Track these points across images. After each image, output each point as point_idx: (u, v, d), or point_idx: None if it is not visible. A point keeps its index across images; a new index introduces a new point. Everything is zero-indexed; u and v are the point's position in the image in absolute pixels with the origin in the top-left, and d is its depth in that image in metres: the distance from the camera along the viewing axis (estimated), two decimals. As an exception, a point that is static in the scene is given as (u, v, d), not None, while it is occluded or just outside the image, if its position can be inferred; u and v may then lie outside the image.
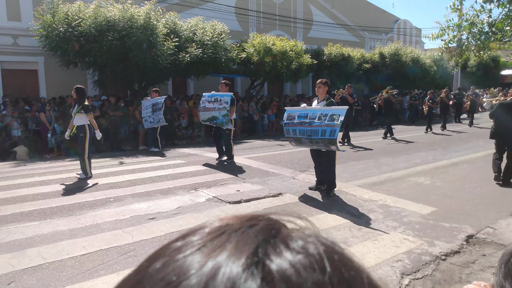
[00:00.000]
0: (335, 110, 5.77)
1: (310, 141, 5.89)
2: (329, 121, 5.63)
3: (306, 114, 5.94)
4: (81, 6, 12.11)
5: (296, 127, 6.05)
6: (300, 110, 6.17)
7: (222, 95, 8.77)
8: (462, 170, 8.07)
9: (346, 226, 4.66)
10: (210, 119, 8.91)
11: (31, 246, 4.11)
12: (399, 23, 29.04)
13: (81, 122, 7.35)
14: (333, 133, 5.62)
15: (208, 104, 8.95)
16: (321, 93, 6.19)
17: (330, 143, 5.69)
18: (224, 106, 8.56)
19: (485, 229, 4.60)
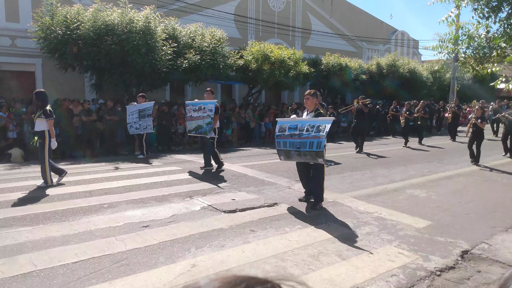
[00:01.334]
0: (322, 121, 5.67)
1: (298, 153, 5.79)
2: (316, 132, 5.56)
3: (295, 126, 5.86)
4: (80, 9, 12.11)
5: (287, 140, 5.94)
6: (290, 122, 6.04)
7: (206, 103, 8.61)
8: (457, 183, 8.09)
9: (342, 239, 4.64)
10: (196, 129, 8.77)
11: (23, 252, 4.05)
12: (397, 34, 29.30)
13: (41, 127, 7.05)
14: (319, 145, 5.53)
15: (194, 113, 8.83)
16: (310, 105, 6.05)
17: (317, 155, 5.60)
18: (208, 114, 8.44)
19: (480, 244, 4.60)
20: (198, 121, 8.65)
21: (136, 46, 11.77)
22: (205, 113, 8.51)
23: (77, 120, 11.84)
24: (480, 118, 9.96)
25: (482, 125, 9.89)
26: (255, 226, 5.04)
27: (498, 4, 4.61)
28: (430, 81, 22.63)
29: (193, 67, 13.46)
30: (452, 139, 16.35)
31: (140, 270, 3.71)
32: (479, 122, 9.90)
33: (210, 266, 3.82)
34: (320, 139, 5.52)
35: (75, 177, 7.86)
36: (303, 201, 6.23)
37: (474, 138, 10.17)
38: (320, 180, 5.94)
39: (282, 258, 4.05)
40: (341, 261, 4.02)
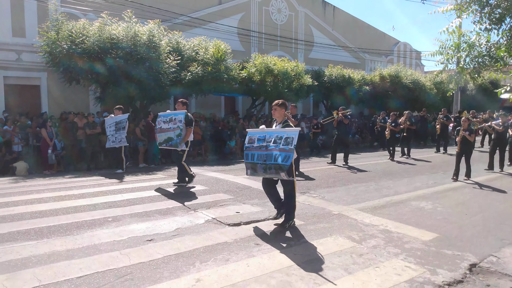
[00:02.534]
0: (289, 132, 5.29)
1: (264, 167, 5.34)
2: (284, 144, 5.19)
3: (264, 137, 5.47)
4: (85, 24, 12.28)
5: (255, 152, 5.50)
6: (259, 132, 5.63)
7: (176, 114, 8.19)
8: (463, 194, 8.02)
9: (347, 252, 4.59)
10: (166, 141, 8.26)
11: (27, 267, 4.04)
12: (399, 45, 29.43)
13: None
14: (287, 159, 5.12)
15: (164, 124, 8.35)
16: (278, 116, 5.70)
17: (280, 169, 5.15)
18: (178, 125, 8.01)
19: (488, 257, 4.53)
20: (169, 133, 8.17)
21: (140, 59, 11.89)
22: (175, 124, 8.06)
23: (82, 133, 11.89)
24: (468, 130, 9.35)
25: (470, 138, 9.30)
26: (260, 239, 5.00)
27: (500, 16, 4.63)
28: (434, 92, 22.63)
29: (196, 79, 13.56)
30: (437, 151, 15.84)
31: (145, 285, 3.68)
32: (467, 134, 9.30)
33: (215, 280, 3.79)
34: (288, 153, 5.13)
35: (80, 190, 7.87)
36: (278, 218, 5.74)
37: (462, 152, 9.48)
38: (292, 197, 5.51)
39: (287, 272, 4.01)
40: (347, 275, 3.97)
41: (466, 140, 9.34)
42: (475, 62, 5.66)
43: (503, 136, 11.12)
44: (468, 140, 9.33)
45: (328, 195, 7.75)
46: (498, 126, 11.04)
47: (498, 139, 11.19)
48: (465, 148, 9.43)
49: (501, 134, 11.07)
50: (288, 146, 5.16)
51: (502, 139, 11.15)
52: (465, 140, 9.37)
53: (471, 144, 9.44)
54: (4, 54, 14.16)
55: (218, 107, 19.65)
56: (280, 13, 22.52)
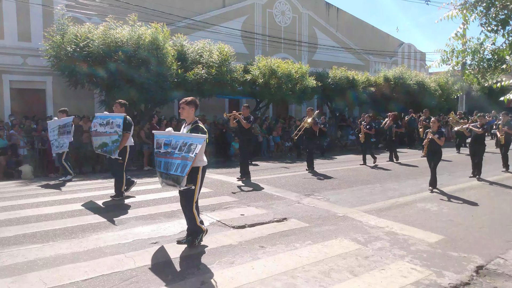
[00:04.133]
0: (195, 138, 4.54)
1: (166, 177, 4.65)
2: (186, 152, 4.48)
3: (170, 141, 4.69)
4: (90, 27, 12.36)
5: (162, 159, 4.71)
6: (166, 136, 4.81)
7: (114, 117, 7.26)
8: (469, 196, 7.96)
9: (353, 254, 4.57)
10: (101, 146, 7.31)
11: (33, 270, 4.05)
12: (403, 47, 29.34)
13: None
14: (184, 169, 4.46)
15: (100, 127, 7.40)
16: (186, 115, 4.88)
17: (177, 181, 4.51)
18: (115, 130, 7.08)
19: (495, 259, 4.49)
20: (104, 138, 7.24)
21: (142, 62, 11.93)
22: (113, 128, 7.14)
23: (87, 137, 11.94)
24: (438, 133, 8.33)
25: (440, 141, 8.25)
26: (265, 242, 4.99)
27: (506, 17, 4.61)
28: (438, 93, 22.52)
29: (200, 81, 13.59)
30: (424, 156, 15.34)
31: (150, 287, 3.68)
32: (436, 137, 8.28)
33: (220, 283, 3.78)
34: (187, 162, 4.44)
35: (85, 194, 7.90)
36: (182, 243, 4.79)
37: (431, 157, 8.55)
38: (189, 211, 4.75)
39: (293, 275, 3.99)
40: (352, 277, 3.95)
41: (436, 144, 8.32)
42: (480, 66, 5.63)
43: (481, 140, 9.86)
44: (437, 144, 8.30)
45: (333, 197, 7.73)
46: (476, 128, 9.86)
47: (476, 143, 9.93)
48: (433, 152, 8.46)
49: (479, 138, 9.85)
50: (189, 153, 4.44)
51: (480, 143, 9.87)
52: (433, 144, 8.36)
53: (440, 149, 8.42)
54: (9, 58, 14.29)
55: (222, 109, 19.67)
56: (284, 16, 22.54)
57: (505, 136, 10.87)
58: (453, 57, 5.62)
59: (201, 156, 4.67)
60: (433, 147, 8.39)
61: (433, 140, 8.29)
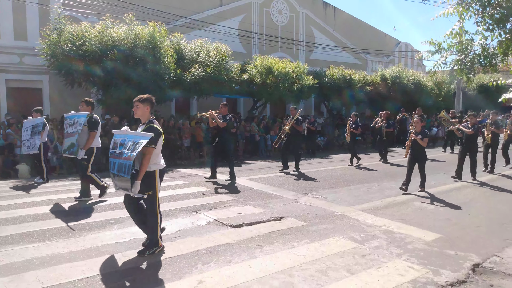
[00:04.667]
0: (140, 136, 4.26)
1: (118, 179, 4.38)
2: (132, 151, 4.19)
3: (124, 141, 4.37)
4: (87, 26, 12.31)
5: (116, 160, 4.38)
6: (122, 136, 4.47)
7: (79, 116, 7.07)
8: (466, 195, 8.00)
9: (350, 253, 4.58)
10: (69, 148, 6.99)
11: (29, 269, 4.04)
12: (400, 46, 29.40)
13: None
14: (127, 169, 4.17)
15: (69, 128, 7.12)
16: (141, 114, 4.51)
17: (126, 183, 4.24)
18: (77, 129, 6.89)
19: (491, 257, 4.52)
20: (71, 138, 6.97)
21: (139, 61, 11.90)
22: (76, 128, 6.93)
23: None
24: (421, 134, 7.94)
25: (423, 143, 7.89)
26: (262, 240, 5.00)
27: (502, 16, 4.62)
28: (435, 92, 22.59)
29: (197, 80, 13.57)
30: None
31: (147, 286, 3.68)
32: (419, 138, 7.92)
33: (217, 282, 3.78)
34: (129, 161, 4.17)
35: (82, 193, 7.86)
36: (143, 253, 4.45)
37: (414, 158, 8.18)
38: (151, 218, 4.47)
39: (290, 273, 4.00)
40: (350, 276, 3.96)
41: (418, 146, 7.99)
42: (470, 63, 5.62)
43: (473, 140, 9.52)
44: (420, 146, 7.98)
45: (330, 196, 7.74)
46: (467, 129, 9.39)
47: (468, 142, 9.52)
48: (417, 154, 8.14)
49: (471, 138, 9.46)
50: (132, 152, 4.16)
51: (472, 142, 9.51)
52: (416, 145, 8.04)
53: (423, 151, 8.12)
54: (6, 57, 14.22)
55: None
56: (281, 15, 22.54)
57: (492, 136, 10.47)
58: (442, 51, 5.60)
59: (157, 159, 4.42)
60: (416, 148, 8.07)
61: (416, 141, 7.97)
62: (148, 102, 4.49)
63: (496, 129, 10.45)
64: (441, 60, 5.70)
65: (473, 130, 9.35)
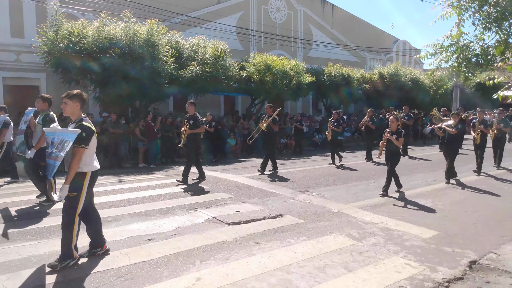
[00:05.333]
0: (69, 134, 3.94)
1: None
2: (60, 150, 3.90)
3: (53, 140, 4.03)
4: (84, 24, 12.26)
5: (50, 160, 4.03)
6: (51, 133, 4.12)
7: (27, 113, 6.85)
8: (463, 192, 8.02)
9: (348, 250, 4.59)
10: (20, 145, 6.71)
11: (27, 267, 4.03)
12: (398, 43, 29.41)
13: None
14: (51, 170, 3.94)
15: (24, 125, 6.94)
16: (70, 112, 4.13)
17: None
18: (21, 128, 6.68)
19: (488, 254, 4.54)
20: (21, 136, 6.74)
21: (137, 58, 11.86)
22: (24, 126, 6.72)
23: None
24: (396, 133, 7.52)
25: (398, 142, 7.49)
26: (260, 238, 5.00)
27: (499, 15, 4.62)
28: (433, 90, 22.63)
29: (195, 78, 13.54)
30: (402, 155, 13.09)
31: (145, 284, 3.68)
32: (393, 138, 7.49)
33: (215, 279, 3.79)
34: (56, 162, 3.91)
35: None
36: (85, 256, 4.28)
37: (387, 159, 7.80)
38: (67, 225, 4.07)
39: (288, 270, 4.01)
40: (347, 273, 3.97)
41: (393, 145, 7.57)
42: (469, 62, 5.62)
43: (455, 140, 9.10)
44: (395, 146, 7.56)
45: (328, 193, 7.75)
46: (450, 128, 8.89)
47: (450, 143, 9.06)
48: (391, 154, 7.70)
49: (453, 138, 9.00)
50: (61, 152, 3.87)
51: (454, 142, 9.09)
52: (391, 145, 7.60)
53: (399, 151, 7.76)
54: (2, 55, 14.14)
55: (217, 106, 19.64)
56: (279, 12, 22.50)
57: (481, 135, 10.05)
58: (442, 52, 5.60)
59: (89, 159, 4.10)
60: (390, 148, 7.63)
61: (390, 140, 7.53)
62: (78, 98, 4.08)
63: (484, 129, 10.07)
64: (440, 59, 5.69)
65: (457, 129, 8.83)
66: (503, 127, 10.64)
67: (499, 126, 10.63)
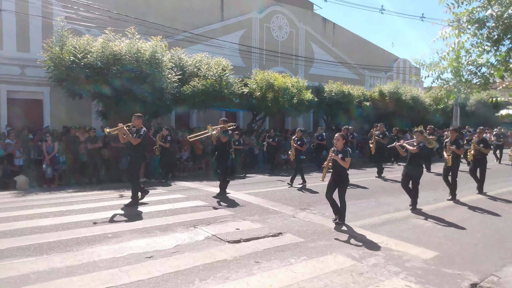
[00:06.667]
0: None
1: None
2: None
3: None
4: (89, 39, 12.45)
5: None
6: None
7: None
8: (464, 212, 8.00)
9: (347, 270, 4.57)
10: None
11: (26, 284, 4.03)
12: (399, 62, 29.71)
13: None
14: None
15: None
16: None
17: None
18: None
19: (489, 277, 4.51)
20: None
21: (142, 76, 12.00)
22: None
23: (83, 148, 11.95)
24: (342, 153, 6.60)
25: (344, 163, 6.54)
26: (260, 257, 4.99)
27: (498, 38, 4.72)
28: (433, 108, 22.76)
29: (197, 94, 13.66)
30: (378, 175, 12.89)
31: (144, 303, 3.67)
32: (339, 158, 6.55)
33: (215, 299, 3.77)
34: None
35: (80, 206, 7.87)
36: None
37: (334, 182, 6.81)
38: None
39: (287, 291, 3.99)
40: (347, 294, 3.96)
41: (340, 166, 6.64)
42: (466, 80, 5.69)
43: (418, 160, 8.17)
44: (342, 167, 6.63)
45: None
46: (411, 146, 8.09)
47: (411, 163, 8.14)
48: (338, 177, 6.74)
49: (415, 157, 8.09)
50: None
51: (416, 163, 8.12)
52: (337, 166, 6.69)
53: (346, 172, 6.72)
54: (8, 69, 14.33)
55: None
56: (281, 30, 22.83)
57: (453, 156, 9.03)
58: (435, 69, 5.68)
59: None
60: (336, 169, 6.70)
61: (336, 161, 6.60)
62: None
63: (456, 149, 9.01)
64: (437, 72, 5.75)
65: (418, 148, 8.00)
66: (483, 148, 9.73)
67: (478, 147, 9.77)
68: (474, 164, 10.11)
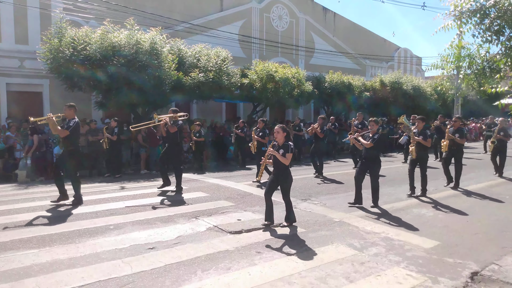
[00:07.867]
0: None
1: None
2: None
3: None
4: (88, 31, 12.37)
5: None
6: None
7: None
8: (464, 201, 8.01)
9: (349, 260, 4.59)
10: None
11: (29, 276, 4.05)
12: (400, 51, 29.51)
13: None
14: None
15: None
16: None
17: None
18: None
19: (490, 265, 4.53)
20: None
21: (141, 66, 11.94)
22: None
23: (83, 140, 11.93)
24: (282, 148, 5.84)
25: (285, 159, 5.72)
26: (261, 247, 5.01)
27: (500, 27, 4.67)
28: (434, 98, 22.67)
29: (197, 85, 13.61)
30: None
31: (146, 294, 3.69)
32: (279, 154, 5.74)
33: (217, 289, 3.79)
34: None
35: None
36: None
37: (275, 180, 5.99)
38: None
39: (289, 281, 4.01)
40: (348, 283, 3.98)
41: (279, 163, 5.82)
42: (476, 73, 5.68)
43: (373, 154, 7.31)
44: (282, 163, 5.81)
45: (329, 202, 7.76)
46: (366, 139, 7.33)
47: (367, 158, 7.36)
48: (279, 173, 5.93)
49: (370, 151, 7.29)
50: None
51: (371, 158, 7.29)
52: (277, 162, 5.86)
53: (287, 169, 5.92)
54: (7, 61, 14.26)
55: (219, 113, 19.72)
56: (281, 20, 22.64)
57: (418, 148, 8.28)
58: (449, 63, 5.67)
59: None
60: (276, 166, 5.93)
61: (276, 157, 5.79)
62: None
63: (423, 140, 8.17)
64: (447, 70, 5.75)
65: (373, 142, 7.18)
66: (458, 138, 9.01)
67: (452, 136, 9.05)
68: (448, 155, 9.29)
